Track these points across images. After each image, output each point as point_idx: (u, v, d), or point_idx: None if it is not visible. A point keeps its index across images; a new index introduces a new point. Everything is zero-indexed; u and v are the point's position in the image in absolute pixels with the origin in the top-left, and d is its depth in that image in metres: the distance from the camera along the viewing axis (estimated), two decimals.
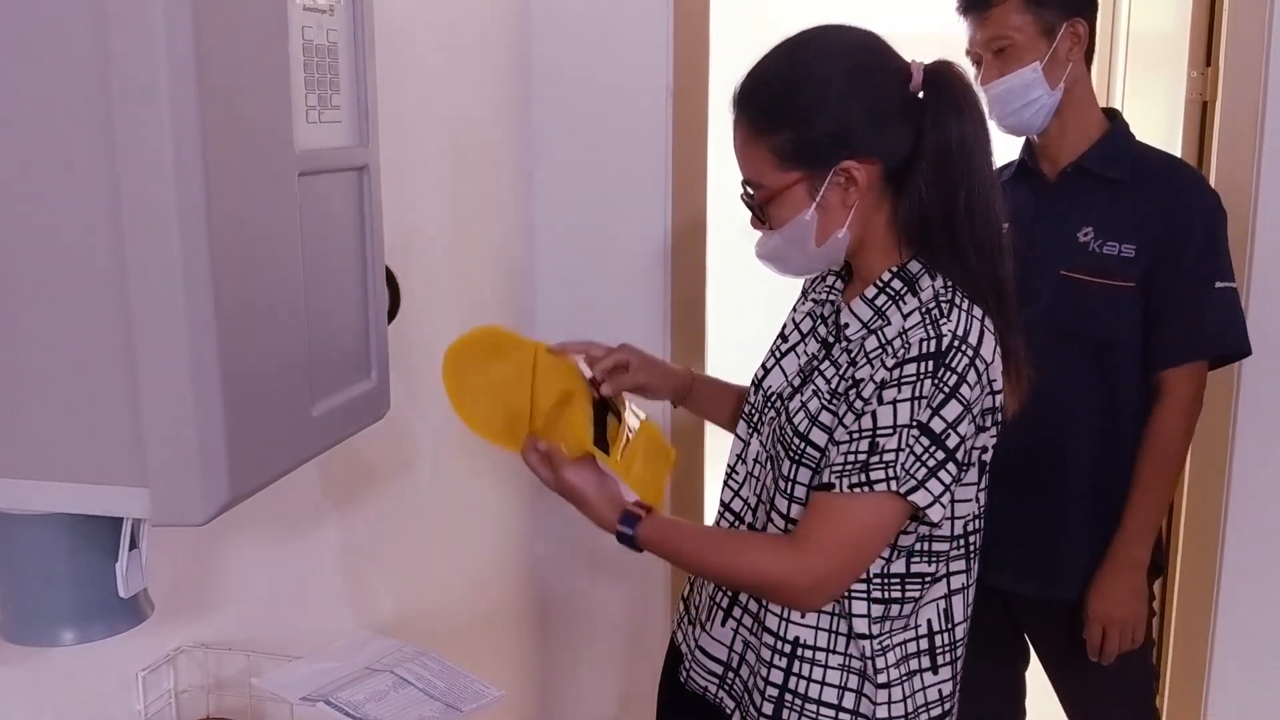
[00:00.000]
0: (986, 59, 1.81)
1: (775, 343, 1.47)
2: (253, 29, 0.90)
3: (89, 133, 0.82)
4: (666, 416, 2.34)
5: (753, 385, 1.46)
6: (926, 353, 1.21)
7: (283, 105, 0.94)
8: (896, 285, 1.30)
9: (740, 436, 1.46)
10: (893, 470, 1.20)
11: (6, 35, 0.81)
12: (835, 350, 1.34)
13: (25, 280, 0.85)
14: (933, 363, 1.21)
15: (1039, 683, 2.07)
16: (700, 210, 2.39)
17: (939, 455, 1.21)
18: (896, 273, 1.31)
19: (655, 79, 2.32)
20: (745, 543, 1.34)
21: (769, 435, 1.39)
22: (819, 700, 1.32)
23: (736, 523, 1.44)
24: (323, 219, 1.02)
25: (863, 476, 1.21)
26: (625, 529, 1.32)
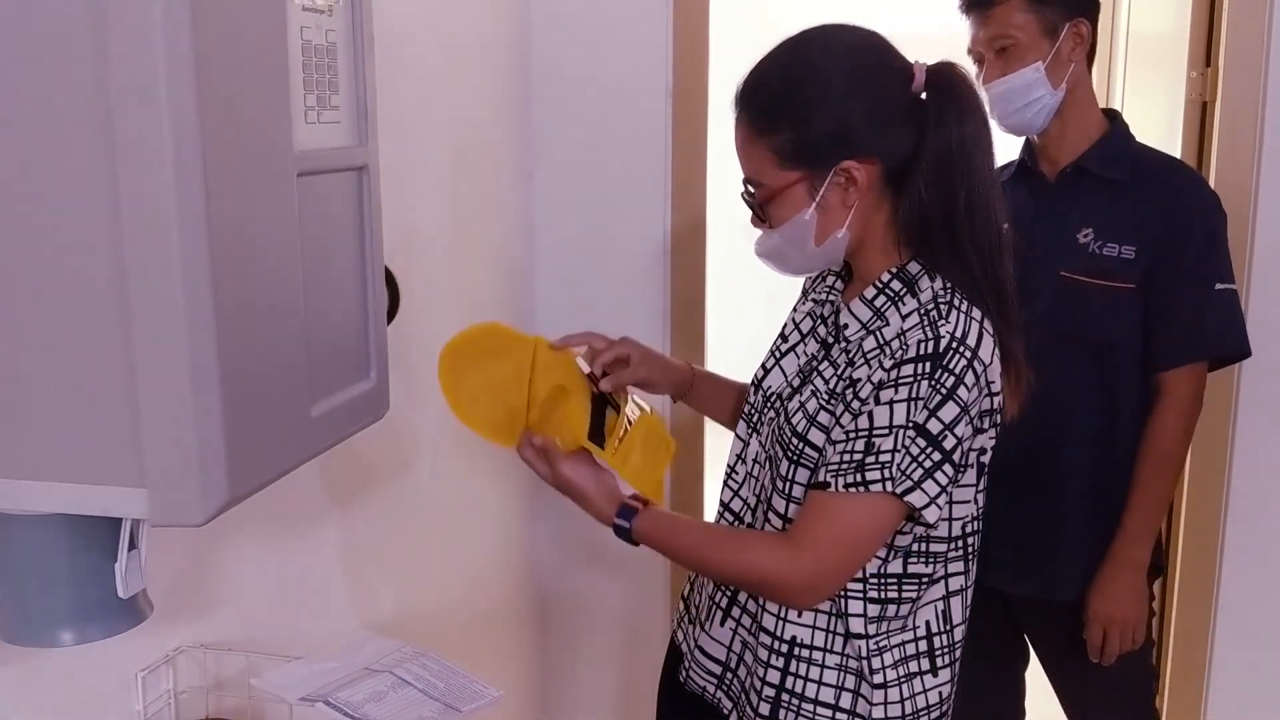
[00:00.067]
0: (988, 58, 1.81)
1: (775, 343, 1.47)
2: (251, 29, 0.90)
3: (89, 133, 0.82)
4: (667, 414, 2.34)
5: (753, 385, 1.46)
6: (924, 354, 1.21)
7: (282, 106, 0.94)
8: (896, 286, 1.30)
9: (740, 436, 1.46)
10: (888, 471, 1.20)
11: (6, 35, 0.81)
12: (834, 351, 1.34)
13: (24, 280, 0.85)
14: (930, 364, 1.21)
15: (1039, 683, 2.07)
16: (700, 210, 2.39)
17: (935, 456, 1.21)
18: (896, 274, 1.31)
19: (655, 79, 2.32)
20: (741, 539, 1.34)
21: (768, 435, 1.39)
22: (816, 700, 1.32)
23: (736, 523, 1.44)
24: (322, 219, 1.02)
25: (858, 476, 1.21)
26: (622, 522, 1.32)
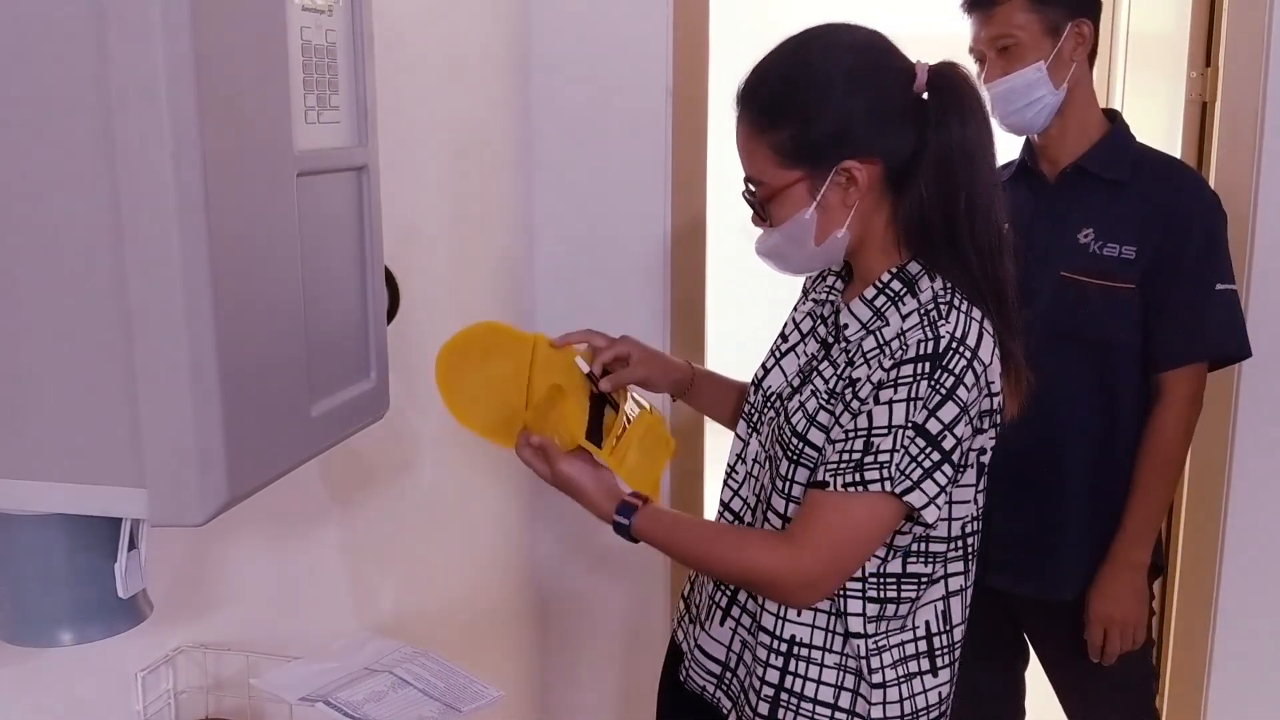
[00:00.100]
0: (990, 57, 1.80)
1: (775, 342, 1.47)
2: (251, 29, 0.90)
3: (88, 133, 0.82)
4: (667, 413, 2.34)
5: (753, 385, 1.46)
6: (924, 354, 1.21)
7: (281, 106, 0.94)
8: (896, 286, 1.30)
9: (740, 436, 1.46)
10: (887, 470, 1.20)
11: (6, 35, 0.81)
12: (834, 351, 1.34)
13: (24, 280, 0.85)
14: (929, 364, 1.21)
15: (1039, 683, 2.07)
16: (700, 210, 2.39)
17: (935, 457, 1.21)
18: (896, 274, 1.31)
19: (655, 79, 2.32)
20: (740, 537, 1.34)
21: (768, 435, 1.39)
22: (815, 699, 1.32)
23: (736, 522, 1.43)
24: (322, 219, 1.02)
25: (857, 476, 1.21)
26: (621, 519, 1.31)
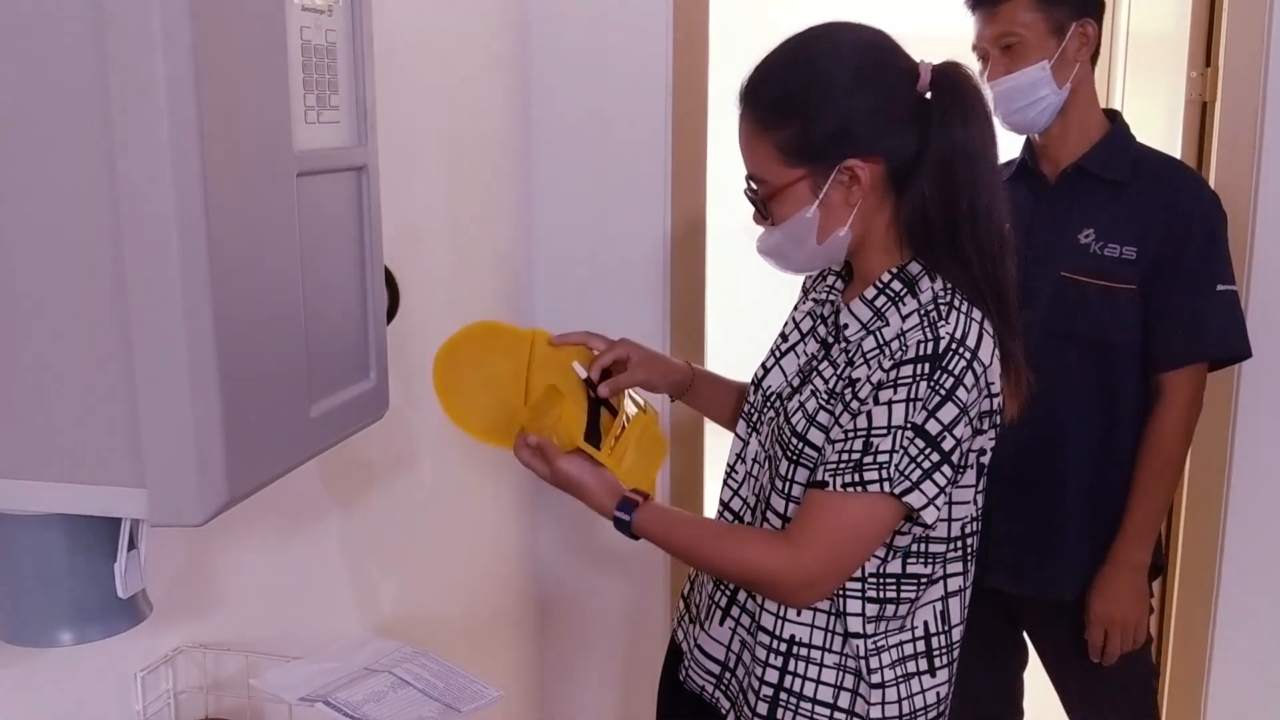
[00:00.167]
0: (993, 55, 1.80)
1: (775, 342, 1.47)
2: (251, 29, 0.90)
3: (88, 133, 0.82)
4: (666, 414, 2.34)
5: (752, 385, 1.46)
6: (923, 355, 1.21)
7: (281, 105, 0.94)
8: (896, 286, 1.30)
9: (740, 436, 1.46)
10: (886, 471, 1.20)
11: (6, 35, 0.81)
12: (834, 351, 1.34)
13: (23, 280, 0.85)
14: (929, 365, 1.21)
15: (1039, 684, 2.07)
16: (700, 210, 2.39)
17: (934, 457, 1.21)
18: (896, 274, 1.30)
19: (655, 79, 2.32)
20: (740, 536, 1.34)
21: (768, 435, 1.39)
22: (814, 699, 1.32)
23: (735, 522, 1.43)
24: (321, 219, 1.02)
25: (856, 476, 1.21)
26: (622, 515, 1.31)
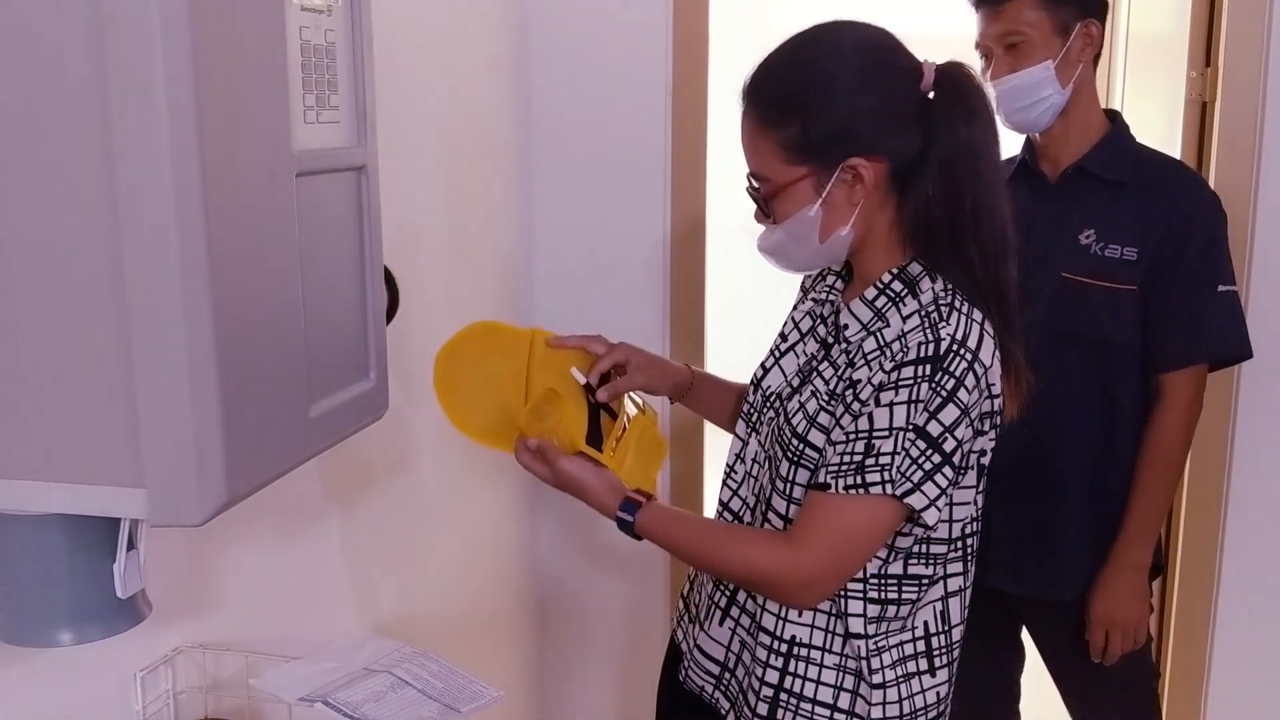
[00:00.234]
0: (997, 54, 1.80)
1: (775, 342, 1.47)
2: (250, 29, 0.90)
3: (87, 133, 0.82)
4: (666, 415, 2.34)
5: (752, 385, 1.46)
6: (924, 356, 1.21)
7: (280, 106, 0.94)
8: (897, 287, 1.30)
9: (739, 436, 1.46)
10: (888, 473, 1.20)
11: (6, 35, 0.81)
12: (834, 351, 1.34)
13: (23, 280, 0.85)
14: (930, 366, 1.21)
15: (1039, 683, 2.07)
16: (700, 210, 2.39)
17: (935, 459, 1.21)
18: (897, 274, 1.30)
19: (655, 79, 2.32)
20: (741, 536, 1.34)
21: (767, 435, 1.38)
22: (814, 700, 1.32)
23: (735, 522, 1.43)
24: (321, 219, 1.02)
25: (858, 478, 1.21)
26: (625, 515, 1.31)
